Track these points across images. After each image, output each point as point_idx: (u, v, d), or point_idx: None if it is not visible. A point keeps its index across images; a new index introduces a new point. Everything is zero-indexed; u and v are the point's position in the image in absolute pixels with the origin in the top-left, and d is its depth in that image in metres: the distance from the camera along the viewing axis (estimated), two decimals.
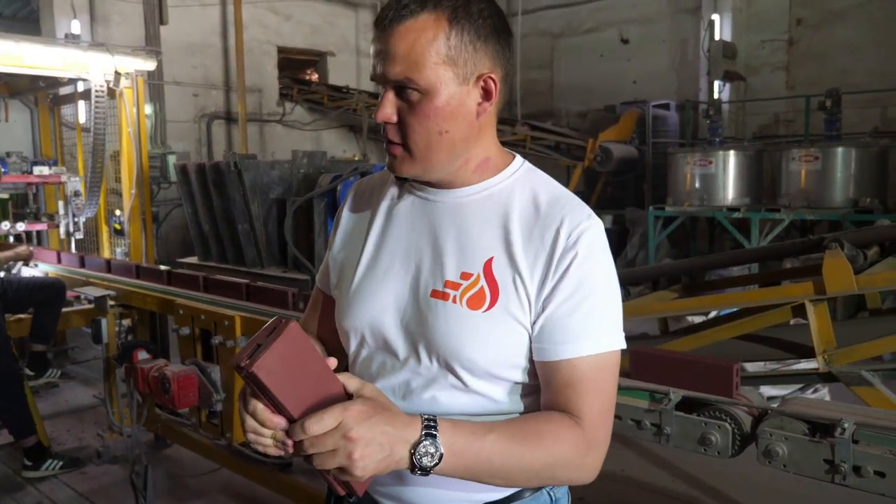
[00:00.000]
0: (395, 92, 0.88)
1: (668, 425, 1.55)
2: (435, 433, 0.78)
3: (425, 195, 0.96)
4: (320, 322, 1.10)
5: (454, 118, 0.88)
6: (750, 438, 1.51)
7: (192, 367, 2.67)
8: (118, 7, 8.23)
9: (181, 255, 6.50)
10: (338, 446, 0.74)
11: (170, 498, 3.06)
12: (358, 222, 1.03)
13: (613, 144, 7.74)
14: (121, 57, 4.38)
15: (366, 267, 0.98)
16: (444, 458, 0.78)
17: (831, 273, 2.00)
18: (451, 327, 0.89)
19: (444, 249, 0.92)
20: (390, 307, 0.93)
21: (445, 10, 0.85)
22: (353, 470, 0.75)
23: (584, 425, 0.86)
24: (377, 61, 0.88)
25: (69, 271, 3.93)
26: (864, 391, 1.94)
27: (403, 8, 0.85)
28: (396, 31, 0.85)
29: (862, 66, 7.38)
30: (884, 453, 1.33)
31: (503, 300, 0.88)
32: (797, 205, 6.37)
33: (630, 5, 9.18)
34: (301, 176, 3.82)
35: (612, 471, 3.12)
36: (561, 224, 0.88)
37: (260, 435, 0.78)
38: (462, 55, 0.86)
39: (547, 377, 0.89)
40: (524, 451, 0.83)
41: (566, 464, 0.86)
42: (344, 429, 0.74)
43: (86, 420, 4.00)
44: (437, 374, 0.90)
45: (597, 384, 0.88)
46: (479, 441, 0.81)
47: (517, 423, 0.87)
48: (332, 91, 10.25)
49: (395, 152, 0.91)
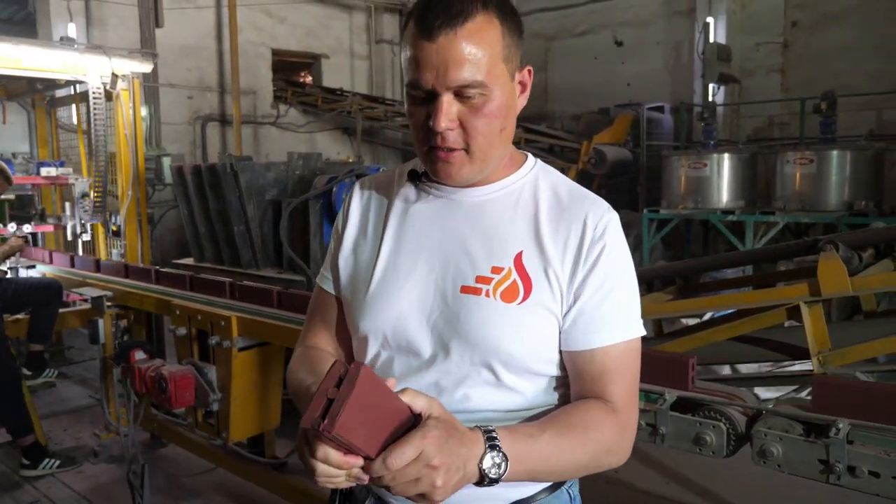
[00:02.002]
0: (452, 96, 0.86)
1: (663, 425, 1.56)
2: (498, 444, 0.79)
3: (445, 195, 0.97)
4: (338, 329, 1.06)
5: (509, 115, 0.90)
6: (745, 439, 1.52)
7: (189, 367, 2.67)
8: (114, 10, 8.22)
9: (176, 256, 6.49)
10: (421, 475, 0.74)
11: (166, 497, 3.06)
12: (368, 224, 1.02)
13: (607, 147, 7.76)
14: (118, 59, 4.39)
15: (384, 268, 0.96)
16: (509, 466, 0.79)
17: (826, 275, 2.01)
18: (487, 322, 0.89)
19: (472, 246, 0.93)
20: (414, 307, 0.93)
21: (493, 8, 0.86)
22: (435, 496, 0.75)
23: (619, 410, 0.90)
24: (426, 70, 0.84)
25: (62, 271, 3.93)
26: None
27: (455, 12, 0.83)
28: (453, 36, 0.83)
29: (857, 69, 7.42)
30: (878, 454, 1.34)
31: (536, 292, 0.90)
32: (792, 207, 6.39)
33: (624, 8, 9.21)
34: (297, 178, 3.82)
35: (605, 473, 3.11)
36: (587, 216, 0.91)
37: (333, 477, 0.76)
38: (511, 51, 0.88)
39: (579, 366, 0.92)
40: (575, 445, 0.86)
41: (608, 450, 0.90)
42: (426, 459, 0.74)
43: (82, 420, 4.01)
44: (469, 372, 0.90)
45: (626, 369, 0.92)
46: (536, 443, 0.83)
47: (562, 417, 0.89)
48: (326, 93, 10.25)
49: (453, 158, 0.89)
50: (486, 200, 0.95)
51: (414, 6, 0.88)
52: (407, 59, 0.87)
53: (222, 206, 3.85)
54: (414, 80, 0.86)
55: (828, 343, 2.02)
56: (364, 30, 11.28)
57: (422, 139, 0.90)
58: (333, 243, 1.07)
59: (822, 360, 2.00)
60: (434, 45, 0.84)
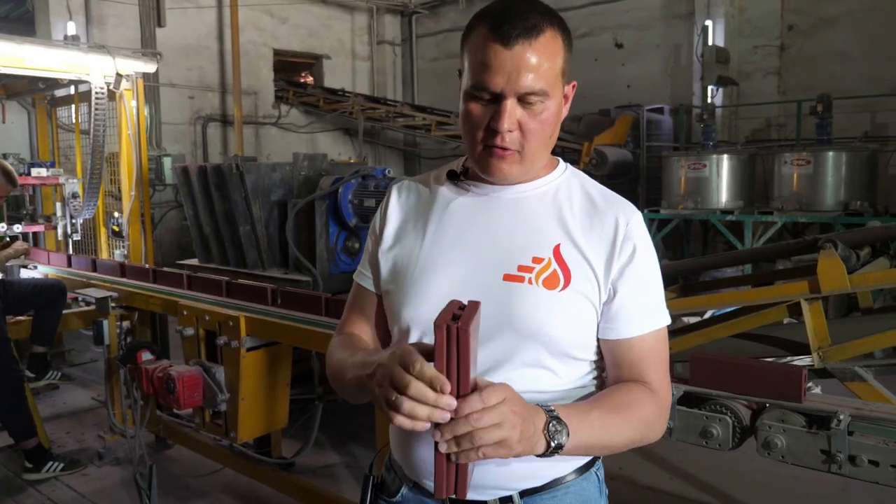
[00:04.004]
0: (516, 101, 0.93)
1: (671, 420, 1.60)
2: (558, 415, 0.86)
3: (484, 192, 1.03)
4: (376, 322, 1.10)
5: (558, 123, 0.99)
6: (749, 431, 1.56)
7: (197, 368, 2.68)
8: (114, 9, 8.22)
9: (176, 257, 6.50)
10: (503, 419, 0.77)
11: (172, 498, 3.06)
12: (410, 220, 1.07)
13: (608, 148, 7.80)
14: (121, 59, 4.39)
15: (427, 259, 1.02)
16: (571, 437, 0.85)
17: (826, 272, 2.05)
18: (530, 307, 0.95)
19: (512, 238, 0.99)
20: (457, 294, 0.96)
21: (557, 26, 0.95)
22: (512, 443, 0.79)
23: (657, 390, 0.99)
24: (497, 74, 0.91)
25: (59, 271, 3.94)
26: (857, 386, 2.00)
27: (531, 25, 0.91)
28: (528, 47, 0.90)
29: (852, 72, 7.48)
30: (877, 443, 1.38)
31: (575, 281, 0.97)
32: (789, 208, 6.45)
33: (624, 10, 9.26)
34: (302, 178, 3.84)
35: (609, 469, 3.15)
36: (618, 215, 1.00)
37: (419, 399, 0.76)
38: (567, 66, 0.97)
39: (618, 354, 0.99)
40: (622, 420, 0.94)
41: (651, 426, 0.98)
42: (510, 403, 0.79)
43: (85, 422, 4.01)
44: (511, 355, 0.95)
45: (660, 354, 1.02)
46: (588, 418, 0.90)
47: (609, 396, 0.97)
48: (327, 94, 10.27)
49: (508, 156, 0.95)
50: (524, 197, 1.02)
51: (483, 16, 0.95)
52: (476, 63, 0.93)
53: (228, 206, 3.86)
54: (482, 82, 0.92)
55: (827, 339, 2.07)
56: (366, 30, 11.31)
57: (479, 137, 0.96)
58: (371, 243, 1.12)
59: (822, 355, 2.05)
60: (510, 52, 0.90)
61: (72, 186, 4.78)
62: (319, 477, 3.19)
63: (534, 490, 0.98)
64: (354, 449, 3.53)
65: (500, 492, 0.98)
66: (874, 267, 2.27)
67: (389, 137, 11.26)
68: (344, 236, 3.77)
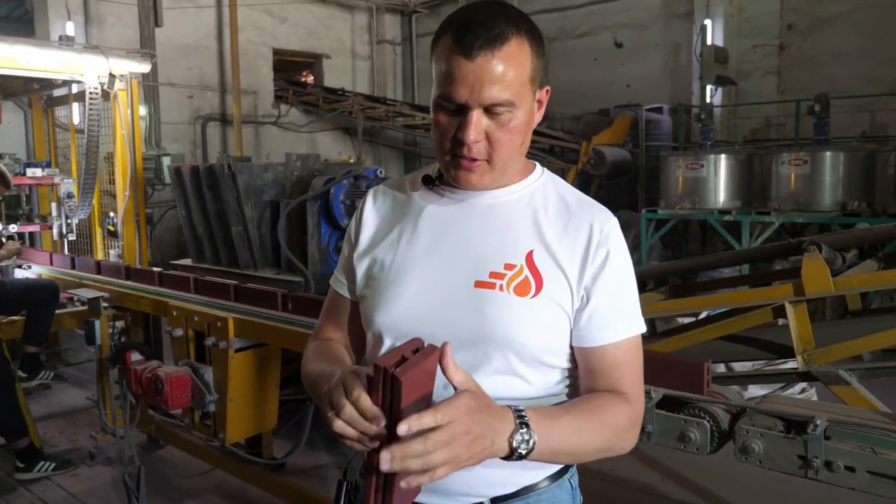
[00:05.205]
0: (482, 111, 0.91)
1: (649, 423, 1.59)
2: (527, 421, 0.84)
3: (458, 197, 1.03)
4: (351, 328, 1.10)
5: (529, 130, 0.97)
6: (728, 436, 1.55)
7: (185, 368, 2.69)
8: (113, 9, 8.23)
9: (175, 256, 6.51)
10: (451, 440, 0.76)
11: (162, 499, 3.07)
12: (385, 225, 1.07)
13: (606, 147, 7.79)
14: (115, 59, 4.40)
15: (400, 265, 1.01)
16: (537, 444, 0.84)
17: (810, 275, 2.05)
18: (501, 313, 0.94)
19: (485, 244, 0.98)
20: (429, 301, 0.97)
21: (525, 32, 0.92)
22: (461, 462, 0.77)
23: (630, 399, 0.98)
24: (461, 86, 0.89)
25: (60, 272, 3.95)
26: (841, 390, 1.99)
27: (494, 35, 0.89)
28: (491, 58, 0.88)
29: (851, 72, 7.45)
30: (854, 449, 1.37)
31: (547, 287, 0.95)
32: (787, 208, 6.42)
33: (623, 10, 9.23)
34: (294, 178, 3.84)
35: (601, 470, 3.15)
36: (592, 220, 0.99)
37: (352, 424, 0.78)
38: (536, 72, 0.95)
39: (591, 361, 0.98)
40: (593, 428, 0.93)
41: (622, 435, 0.96)
42: (457, 425, 0.77)
43: (79, 422, 4.01)
44: (482, 362, 0.94)
45: (633, 363, 1.00)
46: (559, 424, 0.89)
47: (581, 403, 0.96)
48: (327, 93, 10.27)
49: (475, 167, 0.95)
50: (498, 203, 1.01)
51: (449, 22, 0.93)
52: (441, 73, 0.92)
53: (220, 206, 3.87)
54: (447, 93, 0.91)
55: (812, 341, 2.06)
56: (366, 30, 11.31)
57: (447, 147, 0.95)
58: (347, 248, 1.11)
59: (807, 359, 2.04)
60: (472, 64, 0.89)
61: (67, 186, 4.79)
62: (310, 478, 3.19)
63: (505, 497, 0.98)
64: (346, 450, 3.53)
65: (471, 498, 0.97)
66: (860, 269, 2.26)
67: (389, 137, 11.26)
68: (336, 237, 3.77)
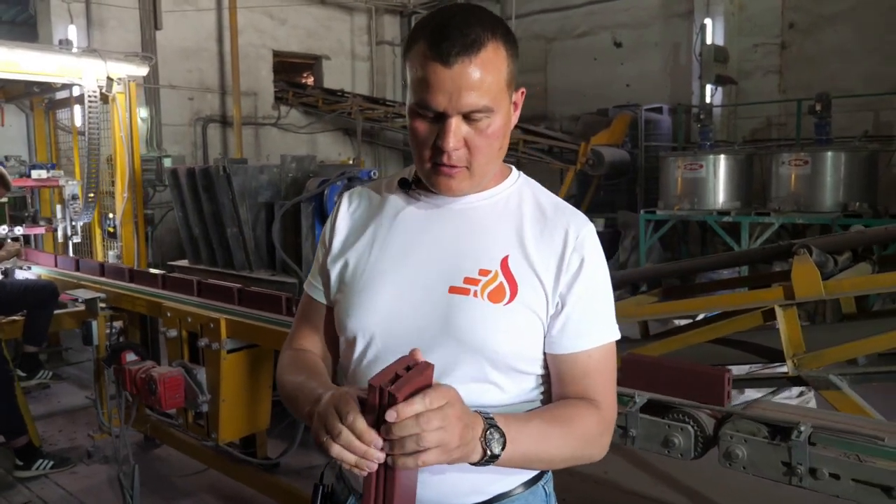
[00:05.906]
0: (461, 118, 0.90)
1: (633, 427, 1.59)
2: (496, 423, 0.84)
3: (434, 202, 1.01)
4: (326, 334, 1.09)
5: (506, 134, 0.96)
6: (712, 441, 1.54)
7: (179, 369, 2.70)
8: (114, 12, 8.27)
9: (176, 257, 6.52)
10: (446, 421, 0.76)
11: (157, 498, 3.09)
12: (358, 229, 1.05)
13: (605, 148, 7.77)
14: (113, 63, 4.43)
15: (374, 269, 1.00)
16: (507, 445, 0.84)
17: (800, 279, 2.03)
18: (475, 320, 0.93)
19: (460, 250, 0.97)
20: (402, 306, 0.96)
21: (500, 36, 0.91)
22: (451, 447, 0.77)
23: (602, 407, 0.96)
24: (438, 93, 0.88)
25: (61, 273, 3.97)
26: (832, 395, 1.98)
27: (471, 41, 0.87)
28: (469, 64, 0.87)
29: (854, 71, 7.41)
30: (838, 456, 1.36)
31: (522, 294, 0.94)
32: (787, 209, 6.38)
33: (623, 9, 9.21)
34: (290, 180, 3.85)
35: (594, 473, 3.15)
36: (568, 226, 0.98)
37: (350, 449, 0.77)
38: (512, 76, 0.94)
39: (563, 369, 0.97)
40: (562, 434, 0.92)
41: (592, 442, 0.96)
42: (452, 406, 0.77)
43: (78, 421, 4.04)
44: (454, 368, 0.93)
45: (607, 370, 0.99)
46: (526, 428, 0.88)
47: (550, 410, 0.96)
48: (327, 94, 10.28)
49: (455, 174, 0.94)
50: (473, 208, 1.00)
51: (423, 27, 0.91)
52: (417, 80, 0.90)
53: (216, 208, 3.88)
54: (424, 100, 0.90)
55: (802, 345, 2.04)
56: (365, 31, 11.31)
57: (426, 155, 0.94)
58: (321, 252, 1.10)
59: (797, 363, 2.03)
60: (450, 72, 0.87)
61: (71, 188, 4.81)
62: (303, 478, 3.19)
63: None
64: None
65: None
66: (853, 273, 2.25)
67: (389, 138, 11.26)
68: None
